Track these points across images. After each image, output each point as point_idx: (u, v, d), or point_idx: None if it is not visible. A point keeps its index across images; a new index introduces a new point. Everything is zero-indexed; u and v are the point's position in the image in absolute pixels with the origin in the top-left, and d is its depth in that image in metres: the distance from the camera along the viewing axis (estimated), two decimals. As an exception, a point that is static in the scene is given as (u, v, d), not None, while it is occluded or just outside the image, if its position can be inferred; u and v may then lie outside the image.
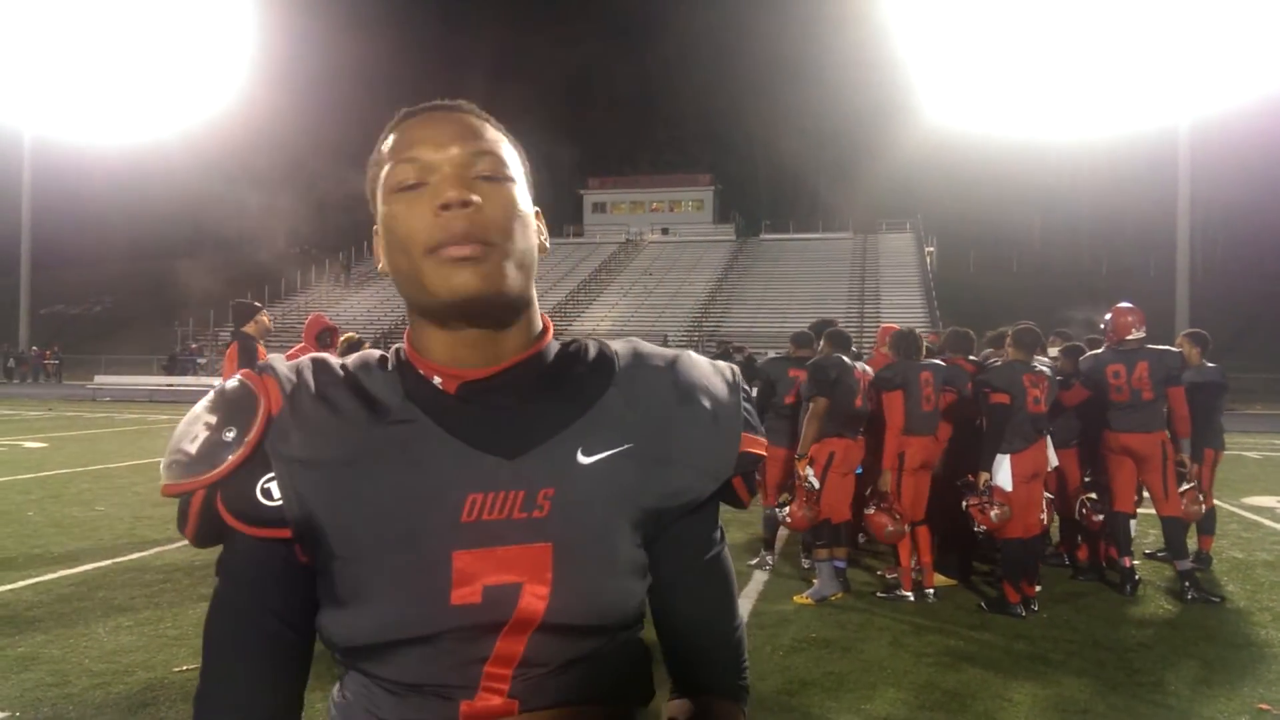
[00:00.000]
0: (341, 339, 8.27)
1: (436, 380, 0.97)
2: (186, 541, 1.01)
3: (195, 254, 63.90)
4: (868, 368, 6.34)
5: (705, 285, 46.36)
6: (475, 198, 0.91)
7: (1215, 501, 7.45)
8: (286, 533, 0.93)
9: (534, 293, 1.01)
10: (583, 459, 0.96)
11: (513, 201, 0.96)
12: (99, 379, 32.69)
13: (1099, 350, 6.49)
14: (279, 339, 7.35)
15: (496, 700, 0.93)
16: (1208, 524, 6.95)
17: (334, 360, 1.03)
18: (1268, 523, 8.86)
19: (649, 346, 1.09)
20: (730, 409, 1.06)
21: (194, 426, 0.96)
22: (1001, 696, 4.34)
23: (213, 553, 1.00)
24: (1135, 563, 6.39)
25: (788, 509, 5.80)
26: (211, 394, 0.99)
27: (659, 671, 1.06)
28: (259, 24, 40.08)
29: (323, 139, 66.25)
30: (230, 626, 0.97)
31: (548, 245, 1.06)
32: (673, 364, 1.06)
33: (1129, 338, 6.25)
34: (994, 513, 5.59)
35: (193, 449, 0.93)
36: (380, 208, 0.97)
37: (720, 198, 71.97)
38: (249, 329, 6.54)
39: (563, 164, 72.75)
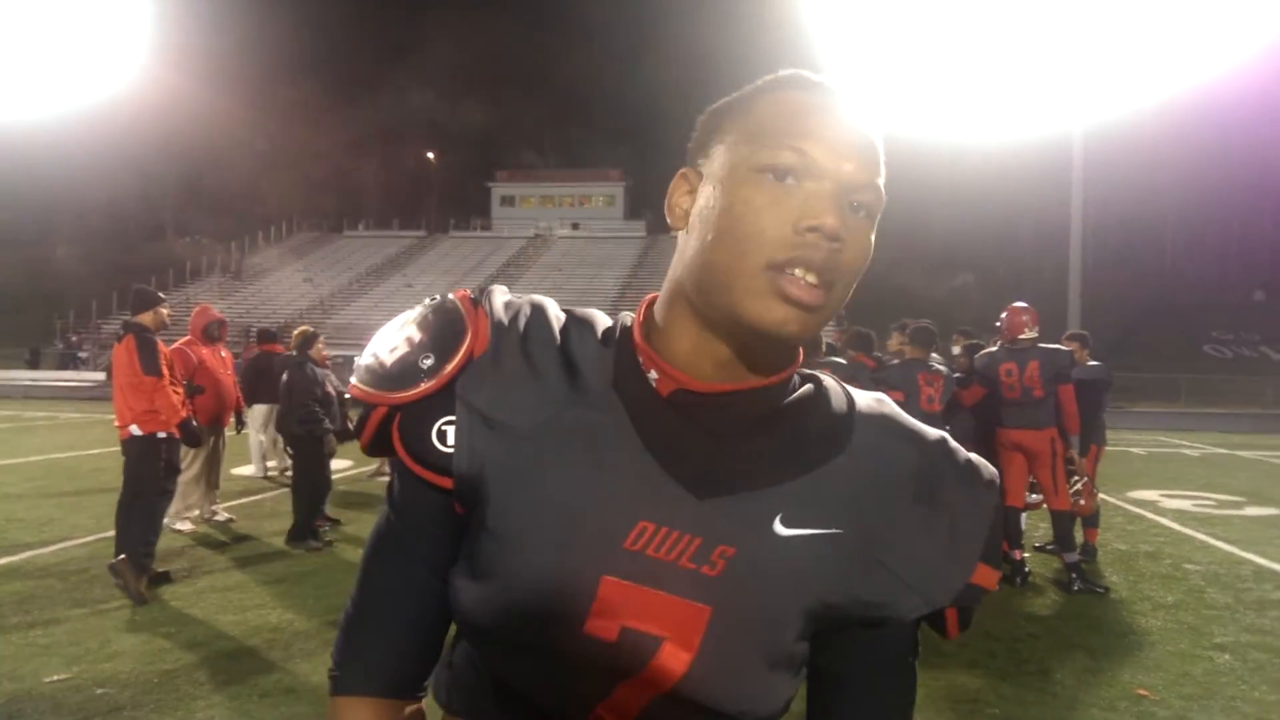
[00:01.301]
0: (296, 332, 7.97)
1: (652, 375, 0.85)
2: (61, 545, 0.92)
3: (76, 242, 61.25)
4: None
5: (615, 282, 46.38)
6: (845, 235, 0.78)
7: (1101, 495, 7.72)
8: (448, 483, 0.86)
9: None
10: (780, 529, 0.82)
11: (867, 249, 0.82)
12: (8, 374, 31.03)
13: (993, 349, 6.65)
14: (165, 333, 7.02)
15: None
16: (1093, 517, 7.19)
17: (554, 310, 0.92)
18: (1150, 515, 9.23)
19: (904, 417, 0.92)
20: (975, 527, 0.88)
21: (398, 336, 0.90)
22: (895, 689, 4.38)
23: (89, 557, 0.90)
24: (1025, 555, 6.57)
25: None
26: (428, 305, 0.92)
27: None
28: (149, 3, 38.55)
29: (212, 125, 64.25)
30: (384, 565, 0.94)
31: None
32: (925, 448, 0.89)
33: (1021, 336, 6.41)
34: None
35: (389, 361, 0.88)
36: (722, 176, 0.82)
37: (631, 194, 72.08)
38: (145, 319, 6.12)
39: (471, 155, 71.98)
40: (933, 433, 0.92)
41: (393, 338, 0.90)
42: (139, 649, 4.74)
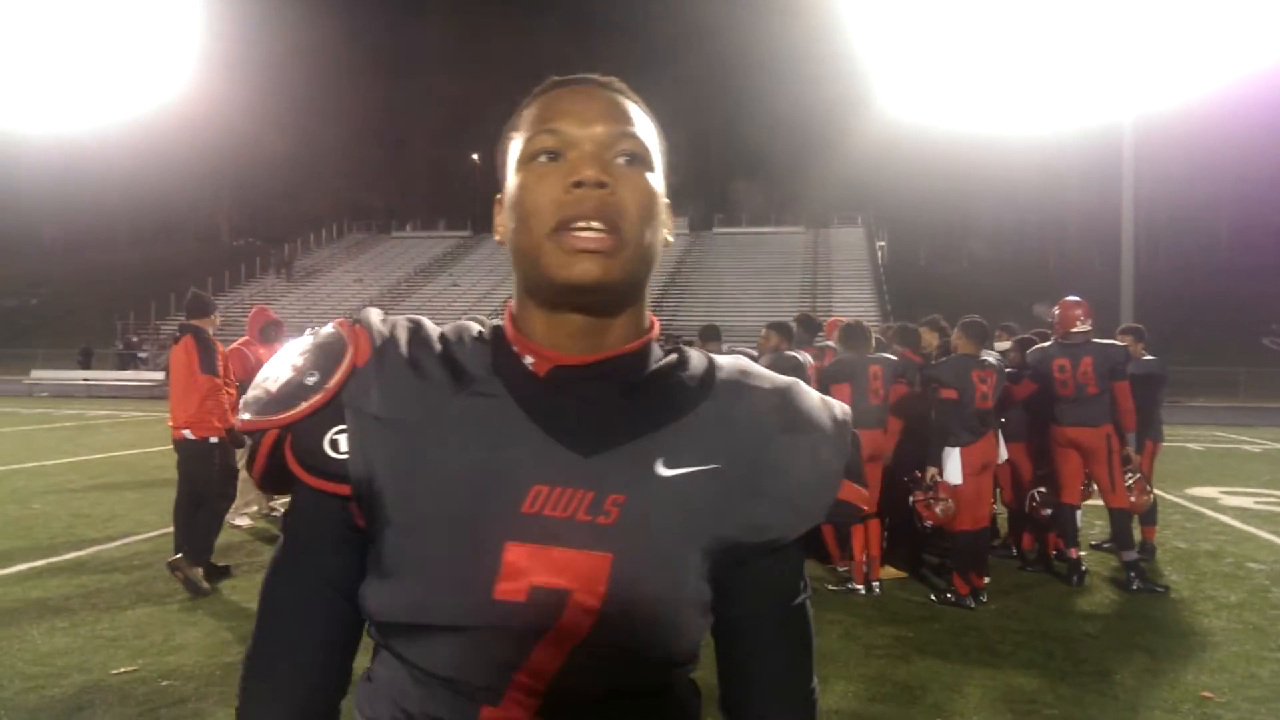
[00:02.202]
0: (309, 331, 8.10)
1: (528, 360, 0.92)
2: (125, 540, 0.96)
3: (135, 246, 62.63)
4: (809, 358, 6.36)
5: (658, 279, 46.21)
6: (607, 179, 0.87)
7: (1159, 492, 7.58)
8: (346, 489, 0.89)
9: (646, 288, 0.97)
10: (663, 470, 0.88)
11: (646, 189, 0.91)
12: (35, 374, 31.84)
13: (1046, 344, 6.55)
14: (220, 334, 7.24)
15: (522, 715, 0.86)
16: (1151, 515, 7.06)
17: (430, 323, 0.99)
18: (1210, 513, 9.04)
19: (757, 367, 1.01)
20: (834, 450, 0.97)
21: (280, 366, 0.94)
22: (951, 688, 4.36)
23: (152, 552, 0.94)
24: (1082, 554, 6.48)
25: None
26: (305, 336, 0.97)
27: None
28: (200, 12, 39.24)
29: (266, 129, 65.27)
30: (285, 590, 0.95)
31: (671, 239, 0.99)
32: (780, 389, 0.98)
33: (1074, 331, 6.31)
34: (939, 507, 5.63)
35: (274, 388, 0.92)
36: (510, 176, 0.93)
37: (673, 191, 71.89)
38: (202, 322, 6.29)
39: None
40: (784, 378, 1.01)
41: (277, 369, 0.94)
42: (202, 642, 4.85)
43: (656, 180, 0.94)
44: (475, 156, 74.83)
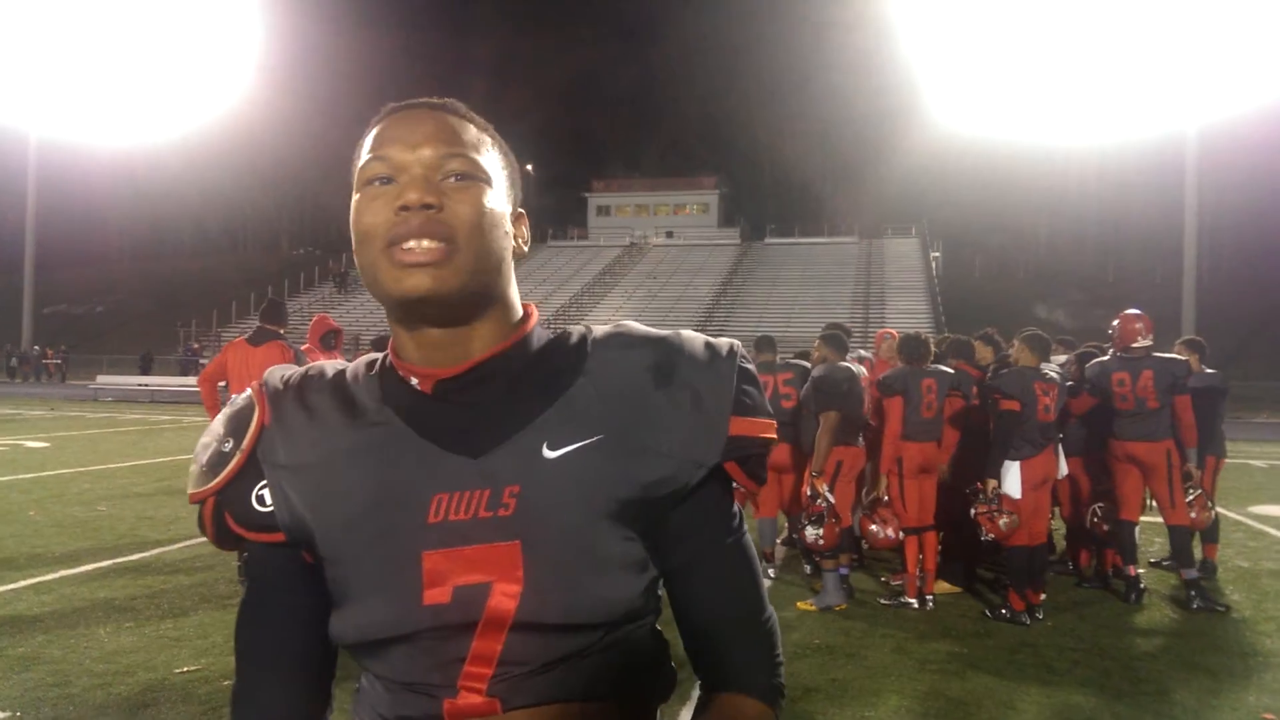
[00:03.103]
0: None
1: (414, 381, 0.98)
2: (188, 543, 1.05)
3: (198, 256, 63.99)
4: (864, 370, 6.33)
5: (710, 289, 46.32)
6: (433, 200, 0.92)
7: (1220, 510, 7.42)
8: (280, 537, 0.97)
9: (509, 289, 1.01)
10: (548, 453, 0.94)
11: (479, 203, 0.95)
12: (101, 379, 32.64)
13: (1105, 358, 6.46)
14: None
15: (477, 699, 0.92)
16: (1212, 532, 6.92)
17: (328, 366, 1.06)
18: (1273, 531, 8.82)
19: (636, 328, 1.05)
20: (718, 390, 1.00)
21: (209, 438, 1.02)
22: (1006, 705, 4.31)
23: (214, 554, 1.02)
24: (1140, 571, 6.36)
25: (820, 530, 5.72)
26: (225, 407, 1.06)
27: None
28: (263, 26, 40.13)
29: (326, 141, 66.41)
30: (252, 632, 1.03)
31: (525, 248, 1.05)
32: (655, 344, 1.02)
33: (1135, 345, 6.21)
34: (1003, 521, 5.56)
35: (204, 459, 1.00)
36: (352, 200, 0.98)
37: (725, 201, 71.93)
38: (281, 329, 6.49)
39: (567, 166, 72.86)
40: (666, 332, 1.04)
41: (205, 442, 1.02)
42: (262, 644, 4.95)
43: (493, 193, 0.97)
44: (529, 167, 75.54)
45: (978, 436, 6.16)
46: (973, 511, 5.72)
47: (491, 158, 1.00)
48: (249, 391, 1.04)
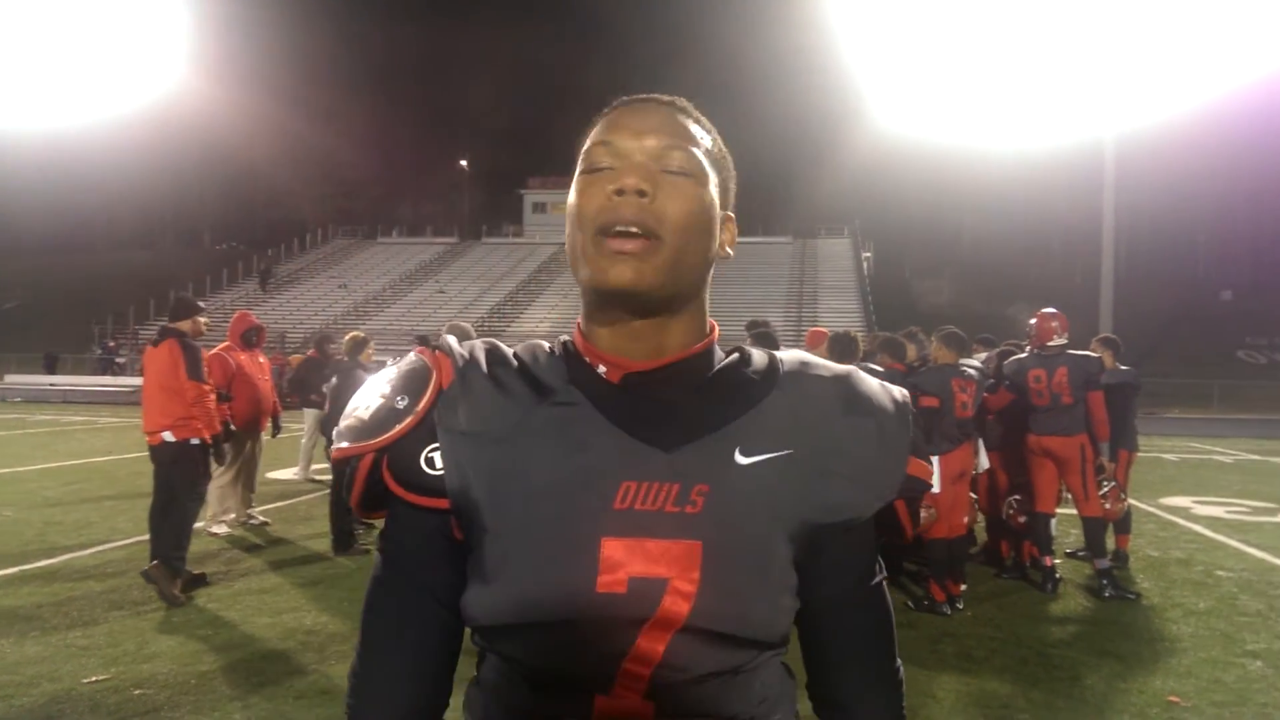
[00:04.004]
0: (347, 338, 8.11)
1: (601, 369, 0.98)
2: (99, 548, 0.99)
3: (115, 250, 62.14)
4: None
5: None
6: (647, 188, 0.92)
7: (1133, 501, 7.66)
8: (445, 503, 0.95)
9: (705, 291, 1.02)
10: (741, 459, 0.93)
11: (692, 199, 0.95)
12: (10, 378, 31.46)
13: (1022, 355, 6.62)
14: (204, 338, 7.20)
15: (633, 700, 0.90)
16: (1124, 523, 7.14)
17: (504, 345, 1.05)
18: (1182, 522, 9.13)
19: (817, 359, 1.06)
20: (897, 427, 1.02)
21: (370, 395, 1.00)
22: (926, 693, 4.39)
23: (126, 559, 0.96)
24: (1056, 561, 6.54)
25: None
26: (389, 367, 1.05)
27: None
28: (188, 13, 39.08)
29: (250, 133, 65.00)
30: (386, 604, 1.00)
31: (730, 251, 1.05)
32: (840, 377, 1.03)
33: (1050, 343, 6.38)
34: (920, 514, 5.65)
35: (366, 415, 0.98)
36: (572, 187, 0.99)
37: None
38: (184, 326, 6.21)
39: (503, 162, 72.36)
40: (843, 367, 1.06)
41: (366, 397, 1.00)
42: (176, 651, 4.83)
43: (707, 193, 0.97)
44: (464, 163, 74.83)
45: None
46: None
47: (710, 158, 1.00)
48: (416, 354, 1.03)
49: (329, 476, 7.82)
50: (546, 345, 1.05)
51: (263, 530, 8.03)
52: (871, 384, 1.04)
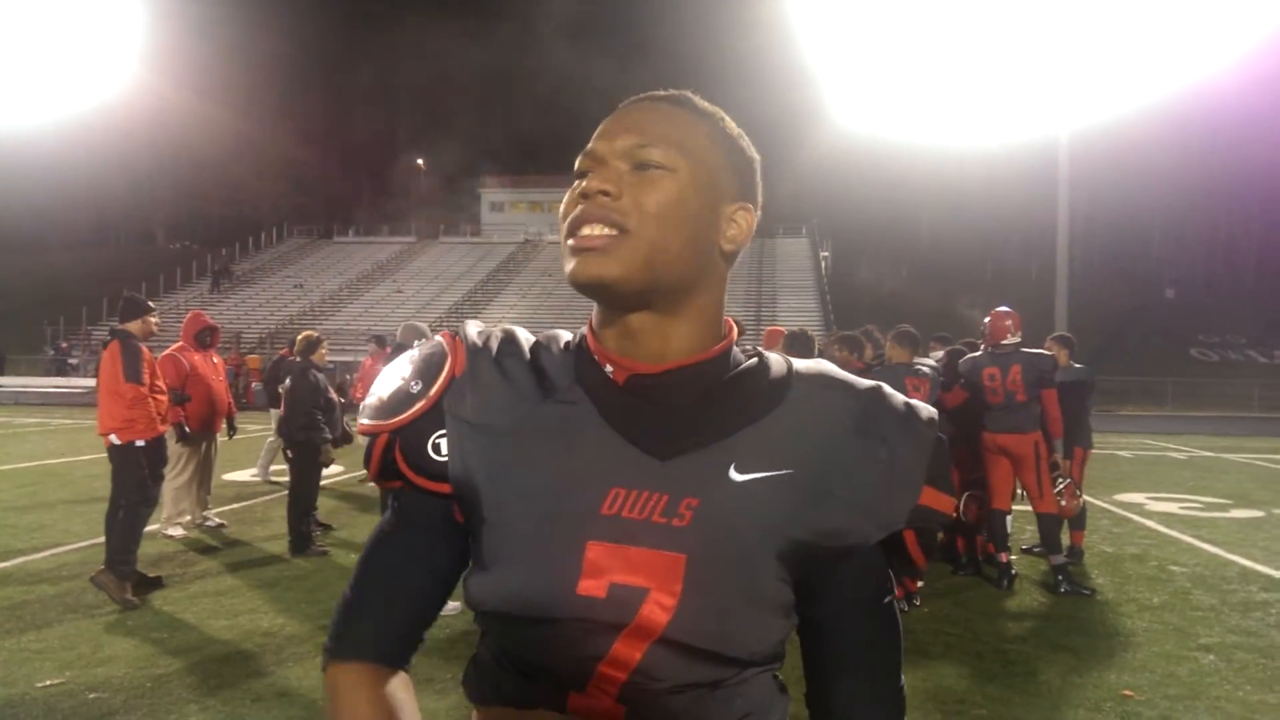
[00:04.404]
0: (300, 337, 7.99)
1: (608, 369, 0.97)
2: (52, 551, 0.99)
3: (67, 249, 60.99)
4: None
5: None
6: (610, 189, 0.93)
7: (1088, 498, 7.78)
8: (447, 488, 0.98)
9: (710, 290, 0.99)
10: (735, 475, 0.92)
11: (665, 190, 0.94)
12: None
13: (977, 354, 6.70)
14: (156, 339, 7.10)
15: (606, 702, 0.91)
16: (1079, 520, 7.25)
17: (522, 333, 1.06)
18: (1136, 518, 9.30)
19: (840, 372, 1.03)
20: (914, 455, 0.97)
21: (392, 377, 1.03)
22: (883, 690, 4.43)
23: (81, 562, 0.95)
24: (1012, 558, 6.62)
25: None
26: (416, 349, 1.06)
27: None
28: (143, 11, 38.40)
29: (204, 132, 64.07)
30: (382, 556, 1.03)
31: (733, 246, 1.00)
32: (859, 394, 0.99)
33: (1004, 341, 6.47)
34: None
35: (385, 396, 1.01)
36: None
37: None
38: (132, 326, 6.11)
39: (460, 160, 71.89)
40: (866, 382, 1.02)
41: (390, 378, 1.03)
42: (131, 654, 4.76)
43: (686, 185, 0.95)
44: (420, 162, 74.27)
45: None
46: None
47: (704, 147, 0.98)
48: (439, 339, 1.04)
49: (287, 479, 7.72)
50: (565, 338, 1.05)
51: (219, 532, 7.92)
52: (893, 403, 1.00)
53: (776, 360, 1.02)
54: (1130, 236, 61.17)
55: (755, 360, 1.01)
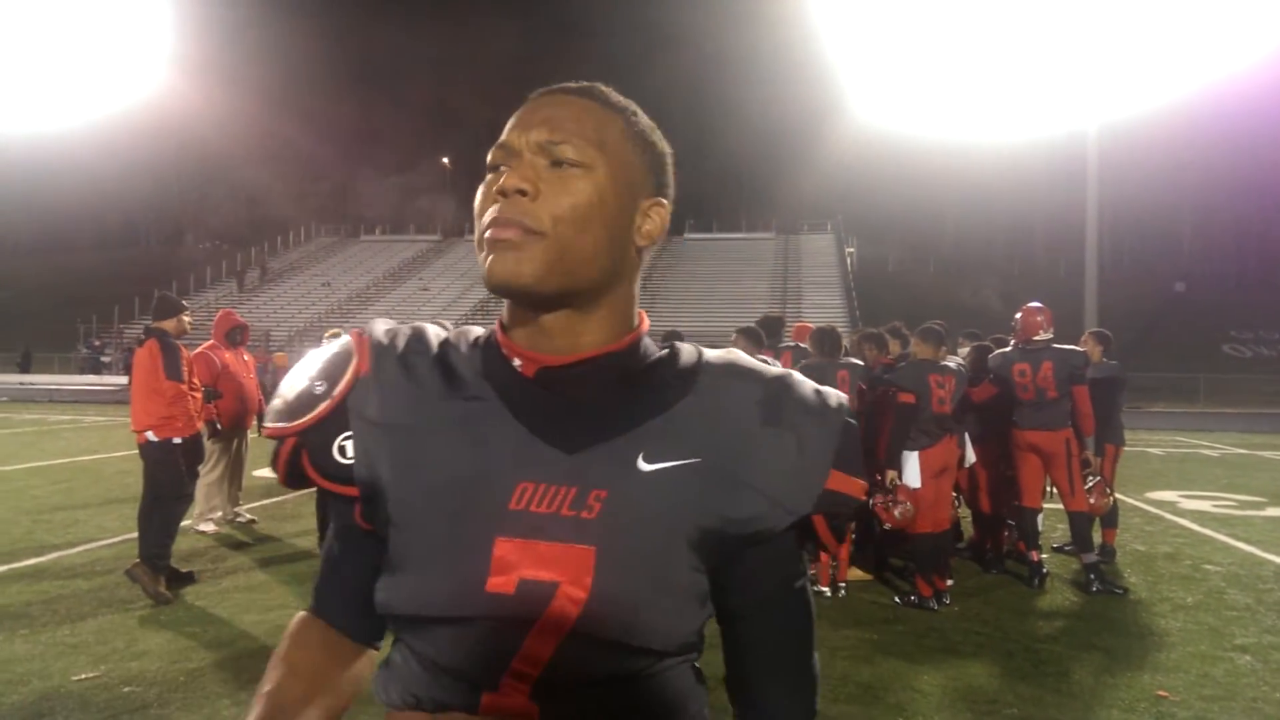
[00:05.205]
0: (327, 335, 8.06)
1: (516, 362, 0.96)
2: (87, 546, 1.00)
3: (99, 249, 61.71)
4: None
5: (628, 284, 46.22)
6: (526, 187, 0.91)
7: (1120, 496, 7.70)
8: (354, 490, 0.96)
9: (623, 285, 0.99)
10: (643, 465, 0.92)
11: (579, 191, 0.93)
12: (-2, 377, 31.33)
13: (1007, 349, 6.65)
14: (188, 337, 7.22)
15: (518, 699, 0.90)
16: (1111, 518, 7.17)
17: (432, 330, 1.04)
18: (1169, 516, 9.19)
19: (749, 360, 1.03)
20: (823, 439, 0.98)
21: (298, 376, 1.01)
22: (913, 688, 4.41)
23: (115, 558, 0.96)
24: (1043, 556, 6.57)
25: None
26: (323, 348, 1.04)
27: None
28: (171, 14, 38.79)
29: (233, 132, 64.64)
30: (330, 551, 1.05)
31: (649, 242, 1.01)
32: (767, 382, 1.00)
33: (1036, 337, 6.40)
34: (898, 510, 5.68)
35: (290, 397, 0.99)
36: None
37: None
38: (167, 325, 6.18)
39: (481, 162, 72.01)
40: (775, 370, 1.03)
41: (295, 379, 1.01)
42: (165, 648, 4.81)
43: (603, 183, 0.94)
44: (445, 160, 74.52)
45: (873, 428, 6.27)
46: (869, 502, 5.84)
47: (617, 142, 0.97)
48: (347, 337, 1.02)
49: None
50: (475, 333, 1.04)
51: (250, 528, 8.00)
52: (803, 390, 1.00)
53: (687, 350, 1.02)
54: (1160, 231, 60.44)
55: (666, 351, 1.02)
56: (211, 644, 4.90)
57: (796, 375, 1.03)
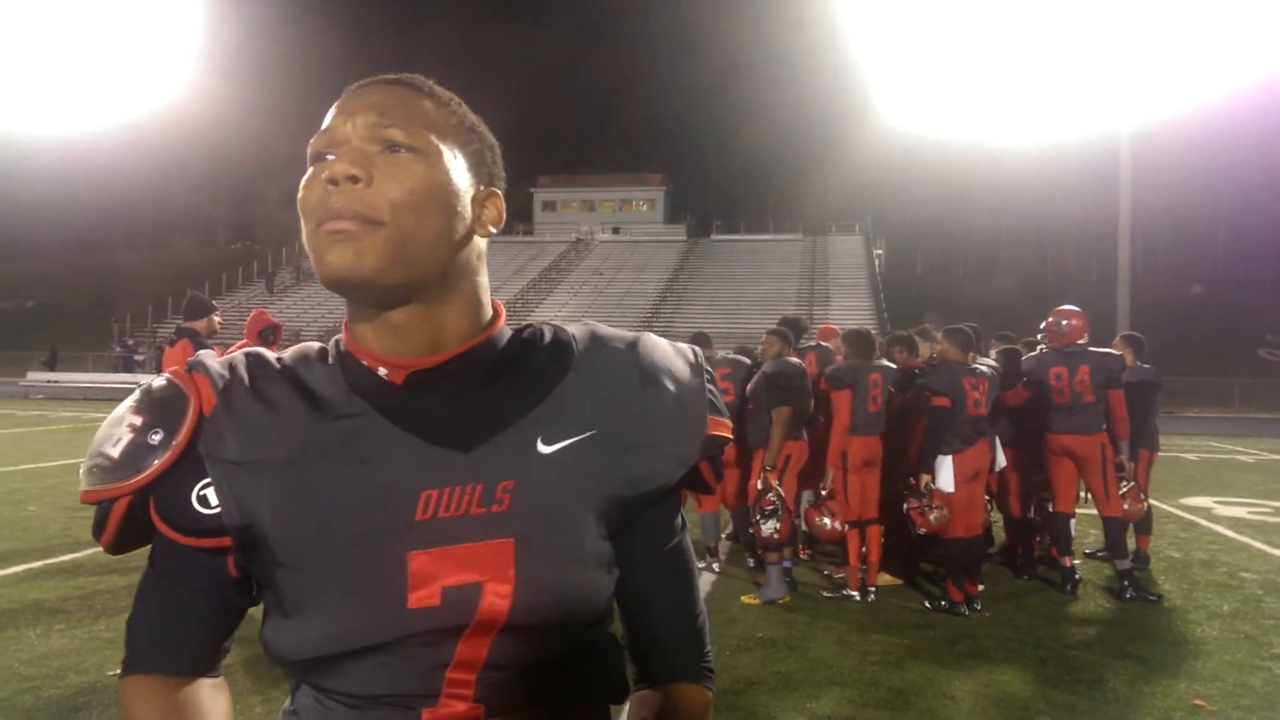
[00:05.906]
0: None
1: (382, 371, 0.91)
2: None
3: (132, 249, 62.50)
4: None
5: (656, 285, 46.33)
6: (359, 173, 0.86)
7: (1153, 502, 7.60)
8: (226, 541, 0.88)
9: (472, 275, 0.96)
10: (543, 448, 0.91)
11: (417, 176, 0.88)
12: (32, 375, 31.78)
13: (1042, 352, 6.58)
14: (220, 336, 7.30)
15: (461, 707, 0.88)
16: (1145, 524, 7.08)
17: (269, 354, 0.96)
18: (1204, 523, 9.07)
19: (607, 330, 1.04)
20: (695, 391, 1.02)
21: (117, 428, 0.90)
22: (944, 694, 4.38)
23: (145, 555, 0.94)
24: (1076, 562, 6.50)
25: (775, 524, 5.74)
26: (136, 393, 0.93)
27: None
28: (204, 14, 39.23)
29: (265, 133, 65.28)
30: (154, 603, 0.94)
31: (489, 230, 0.98)
32: (633, 346, 1.02)
33: (1078, 341, 6.33)
34: (933, 515, 5.64)
35: (115, 452, 0.88)
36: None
37: (671, 198, 71.96)
38: (199, 324, 6.24)
39: (513, 162, 72.35)
40: (632, 334, 1.05)
41: (112, 432, 0.91)
42: (199, 646, 4.85)
43: (438, 169, 0.90)
44: (474, 161, 74.84)
45: (909, 431, 6.23)
46: (905, 506, 5.80)
47: (446, 131, 0.94)
48: (167, 377, 0.93)
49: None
50: (316, 348, 0.98)
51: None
52: (664, 349, 1.04)
53: (550, 330, 1.02)
54: (1194, 233, 59.68)
55: (529, 333, 1.01)
56: (242, 640, 4.86)
57: (651, 336, 1.06)
